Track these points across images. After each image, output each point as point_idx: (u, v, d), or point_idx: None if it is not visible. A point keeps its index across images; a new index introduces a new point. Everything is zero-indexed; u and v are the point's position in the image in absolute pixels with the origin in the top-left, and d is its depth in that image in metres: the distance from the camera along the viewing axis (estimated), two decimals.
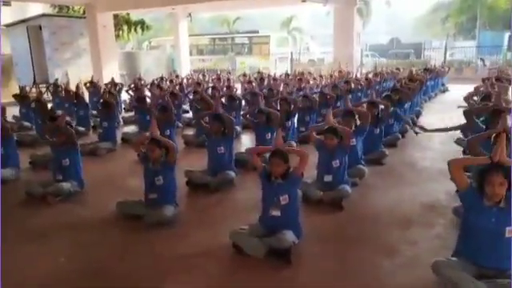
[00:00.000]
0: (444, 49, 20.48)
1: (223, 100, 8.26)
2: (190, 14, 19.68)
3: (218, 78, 12.67)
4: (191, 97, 9.59)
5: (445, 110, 10.30)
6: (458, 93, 13.42)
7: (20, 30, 15.87)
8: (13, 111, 9.53)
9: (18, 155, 5.79)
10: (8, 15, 21.59)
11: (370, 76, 11.88)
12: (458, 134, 6.99)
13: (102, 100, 8.01)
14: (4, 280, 2.98)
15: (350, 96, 7.69)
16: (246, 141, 7.69)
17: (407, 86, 8.39)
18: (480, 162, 2.96)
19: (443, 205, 4.32)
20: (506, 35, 26.46)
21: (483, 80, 8.97)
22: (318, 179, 4.60)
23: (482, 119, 5.07)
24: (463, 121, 7.87)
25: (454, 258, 2.85)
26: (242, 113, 8.14)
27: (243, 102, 8.94)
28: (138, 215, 4.10)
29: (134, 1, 14.16)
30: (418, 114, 9.17)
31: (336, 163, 4.47)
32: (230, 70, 18.82)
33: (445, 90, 14.13)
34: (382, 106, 6.30)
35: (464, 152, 5.93)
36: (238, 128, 7.89)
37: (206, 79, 12.92)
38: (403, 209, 4.34)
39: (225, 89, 10.28)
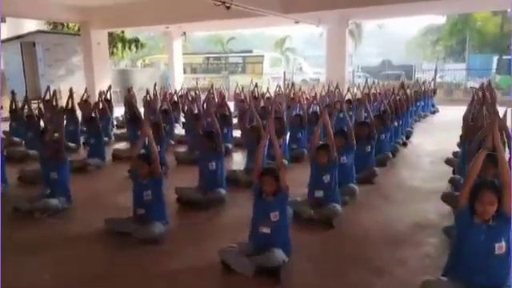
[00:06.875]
0: (434, 71, 20.78)
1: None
2: (184, 33, 19.86)
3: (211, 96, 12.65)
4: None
5: (434, 131, 10.43)
6: (448, 113, 13.66)
7: (14, 45, 15.89)
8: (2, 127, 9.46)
9: (5, 170, 5.71)
10: (3, 31, 21.72)
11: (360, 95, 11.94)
12: (449, 153, 7.06)
13: (89, 115, 7.92)
14: None
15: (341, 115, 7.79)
16: (238, 158, 7.68)
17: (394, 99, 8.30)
18: (480, 161, 2.87)
19: (433, 224, 4.32)
20: (495, 58, 27.03)
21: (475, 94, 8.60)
22: (309, 196, 4.60)
23: None
24: (449, 142, 7.86)
25: (443, 278, 2.83)
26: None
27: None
28: (126, 232, 4.04)
29: (129, 19, 14.24)
30: (409, 135, 9.25)
31: (327, 178, 4.50)
32: (224, 89, 18.91)
33: (435, 111, 14.30)
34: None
35: (454, 172, 5.98)
36: (230, 145, 7.91)
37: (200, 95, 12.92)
38: (393, 228, 4.33)
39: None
